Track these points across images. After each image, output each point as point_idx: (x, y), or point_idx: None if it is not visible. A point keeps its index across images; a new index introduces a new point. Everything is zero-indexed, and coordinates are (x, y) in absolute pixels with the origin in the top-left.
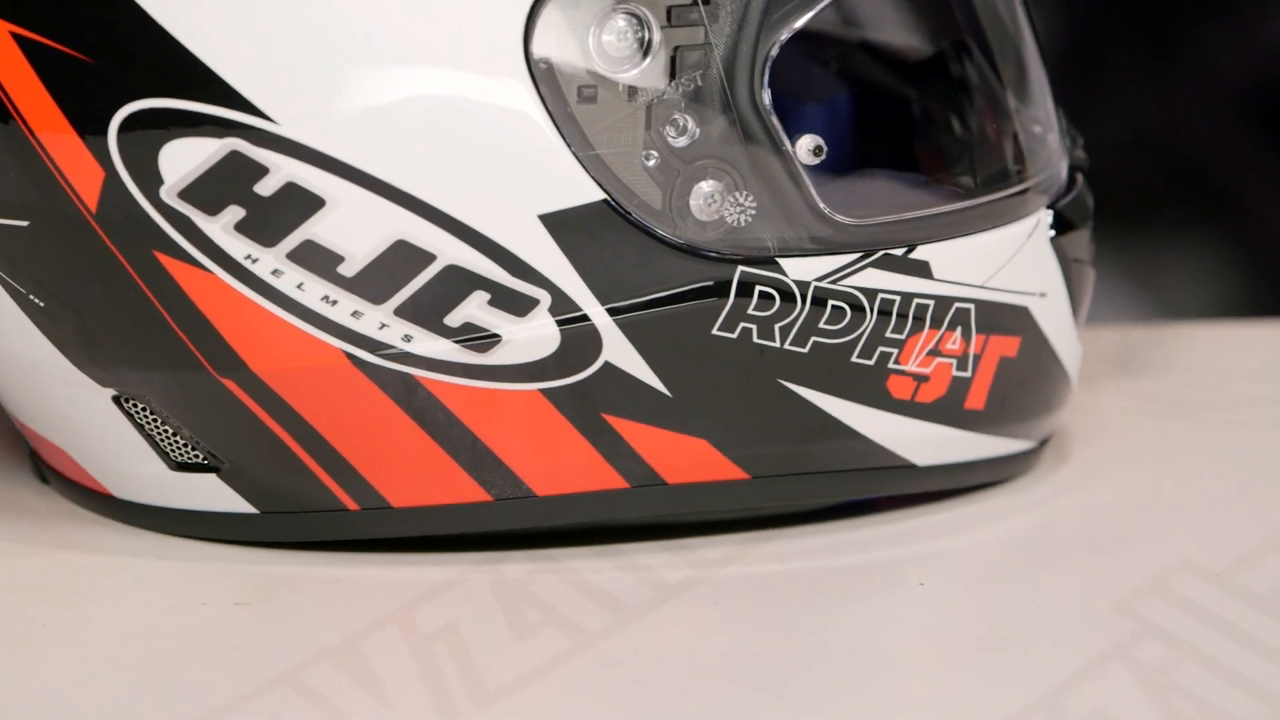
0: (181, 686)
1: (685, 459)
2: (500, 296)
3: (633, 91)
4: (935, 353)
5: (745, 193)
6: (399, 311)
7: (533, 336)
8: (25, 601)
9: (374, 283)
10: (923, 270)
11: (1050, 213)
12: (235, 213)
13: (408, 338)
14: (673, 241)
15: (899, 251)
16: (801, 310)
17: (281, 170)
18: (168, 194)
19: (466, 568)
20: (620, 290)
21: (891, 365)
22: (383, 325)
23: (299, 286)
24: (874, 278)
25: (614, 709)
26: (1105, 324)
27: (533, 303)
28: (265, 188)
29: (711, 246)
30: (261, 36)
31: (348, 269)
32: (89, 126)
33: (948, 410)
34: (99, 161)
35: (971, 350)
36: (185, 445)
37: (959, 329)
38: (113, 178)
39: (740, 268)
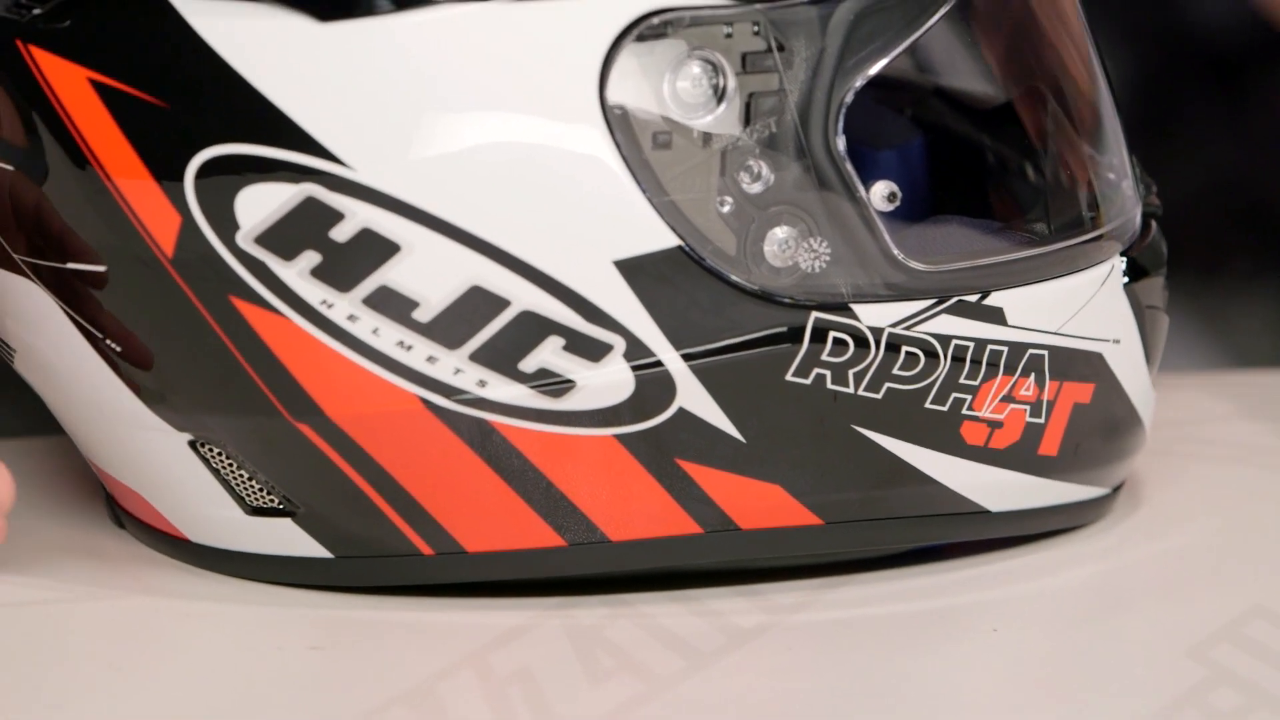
0: None
1: (759, 504)
2: (575, 342)
3: (707, 138)
4: (1009, 399)
5: (819, 239)
6: (474, 357)
7: (607, 382)
8: (100, 645)
9: (449, 328)
10: (997, 316)
11: (1124, 259)
12: (311, 258)
13: (482, 383)
14: (747, 287)
15: (973, 298)
16: (875, 356)
17: (357, 216)
18: (244, 239)
19: (540, 612)
20: (694, 336)
21: (965, 411)
22: (458, 370)
23: (374, 332)
24: (948, 324)
25: None
26: (1178, 370)
27: (607, 348)
28: (341, 233)
29: (786, 292)
30: (338, 83)
31: (423, 314)
32: (166, 172)
33: (1021, 456)
34: (176, 207)
35: (1045, 396)
36: (261, 490)
37: (1033, 375)
38: (189, 223)
39: (814, 314)
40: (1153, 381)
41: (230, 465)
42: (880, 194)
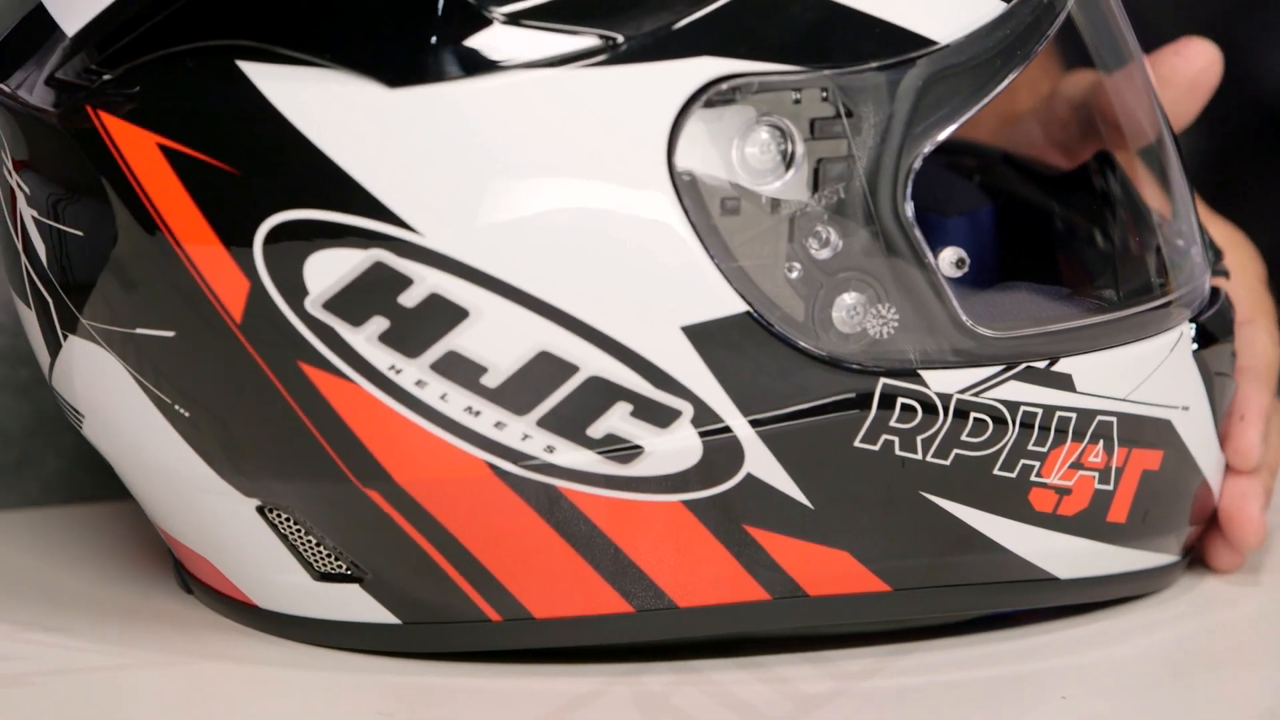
0: None
1: (827, 571)
2: (643, 408)
3: (776, 204)
4: (1077, 466)
5: (888, 305)
6: (542, 423)
7: (675, 448)
8: (168, 711)
9: (517, 394)
10: (1065, 383)
11: (1193, 326)
12: (379, 324)
13: (550, 449)
14: (815, 354)
15: (1041, 364)
16: (944, 423)
17: (426, 281)
18: (312, 305)
19: (608, 678)
20: (762, 402)
21: (1034, 478)
22: (525, 436)
23: (442, 397)
24: (1016, 390)
25: None
26: None
27: (675, 414)
28: (409, 299)
29: (854, 358)
30: (406, 148)
31: (491, 380)
32: (235, 238)
33: (1090, 523)
34: (244, 272)
35: (1114, 463)
36: (328, 555)
37: (1101, 442)
38: (258, 289)
39: (882, 380)
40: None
41: (298, 531)
42: (949, 260)
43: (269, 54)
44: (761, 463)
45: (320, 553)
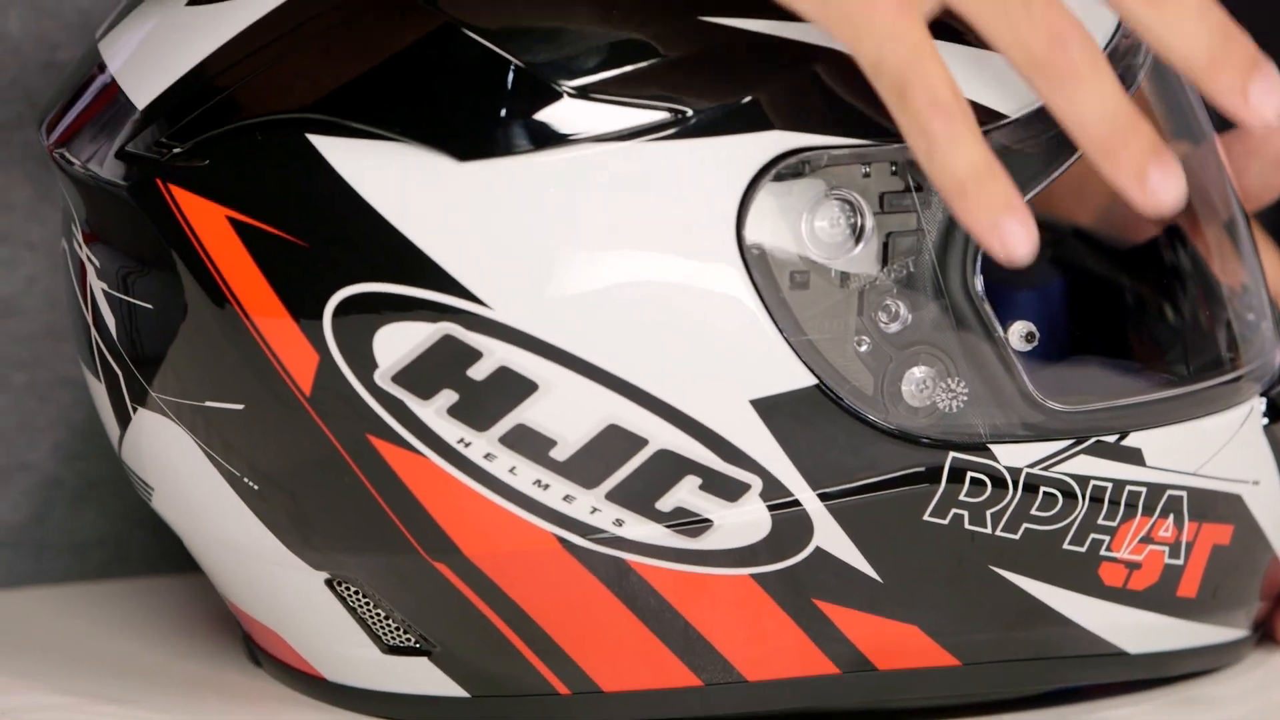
0: None
1: (896, 645)
2: (712, 481)
3: (845, 277)
4: (1147, 540)
5: (957, 378)
6: (611, 496)
7: (744, 521)
8: None
9: (586, 467)
10: (1135, 457)
11: (1263, 400)
12: (448, 397)
13: (619, 522)
14: (884, 427)
15: (1111, 438)
16: (1013, 497)
17: (495, 354)
18: (381, 378)
19: None
20: (831, 475)
21: (1103, 552)
22: (594, 509)
23: (511, 470)
24: (1086, 464)
25: None
26: None
27: (744, 488)
28: (478, 372)
29: (923, 432)
30: (476, 221)
31: (560, 453)
32: (304, 311)
33: (1160, 598)
34: (314, 345)
35: (1184, 538)
36: (397, 628)
37: (1171, 516)
38: (327, 362)
39: (952, 453)
40: None
41: (367, 604)
42: (1018, 334)
43: (339, 127)
44: (830, 536)
45: (389, 626)
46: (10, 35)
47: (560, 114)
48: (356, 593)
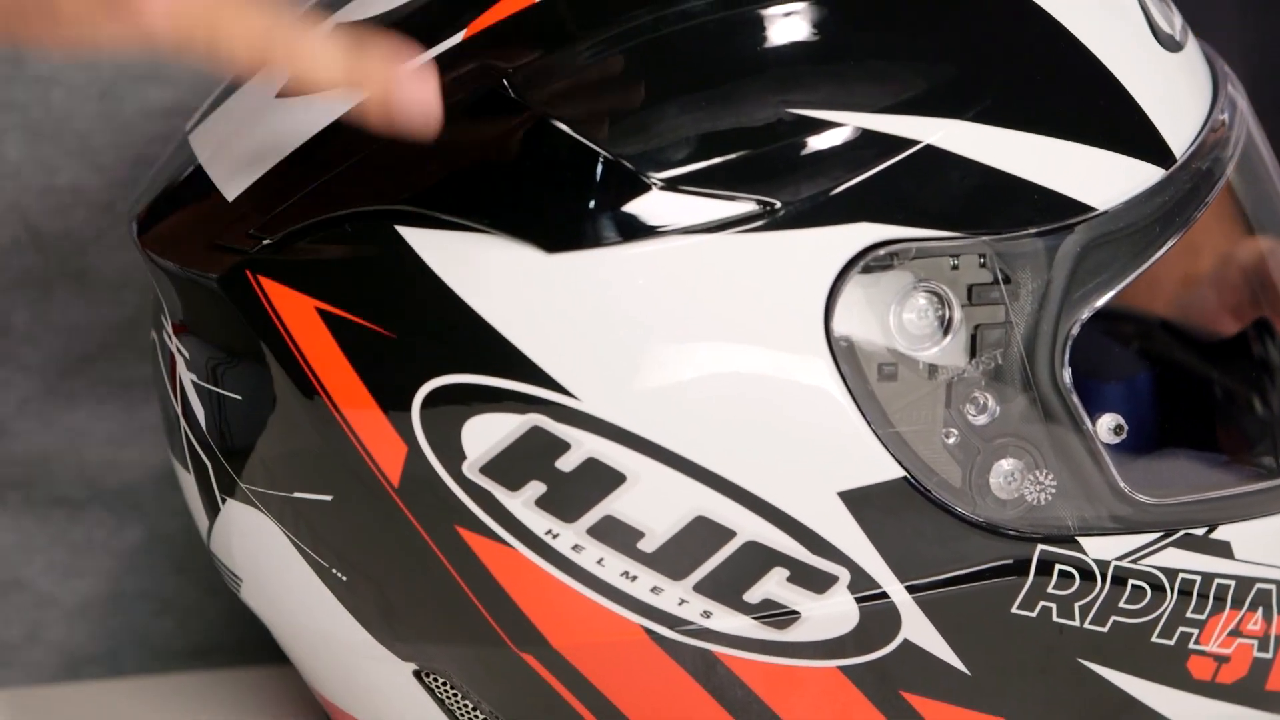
0: None
1: None
2: (799, 573)
3: (933, 369)
4: (1236, 633)
5: (1045, 471)
6: (698, 587)
7: (832, 613)
8: None
9: (673, 559)
10: (1224, 550)
11: None
12: (536, 488)
13: (707, 614)
14: (972, 519)
15: (1200, 531)
16: (1101, 589)
17: (583, 446)
18: (470, 469)
19: None
20: (919, 567)
21: (1192, 645)
22: (682, 601)
23: (599, 562)
24: (1175, 557)
25: None
26: None
27: (832, 580)
28: (566, 463)
29: (1011, 525)
30: (564, 313)
31: (647, 545)
32: (393, 402)
33: (1248, 691)
34: (402, 437)
35: (1273, 631)
36: (484, 719)
37: (1260, 610)
38: (415, 453)
39: (1040, 546)
40: None
41: (455, 695)
42: (1106, 426)
43: (427, 219)
44: (918, 628)
45: (477, 717)
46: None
47: (649, 206)
48: (444, 684)
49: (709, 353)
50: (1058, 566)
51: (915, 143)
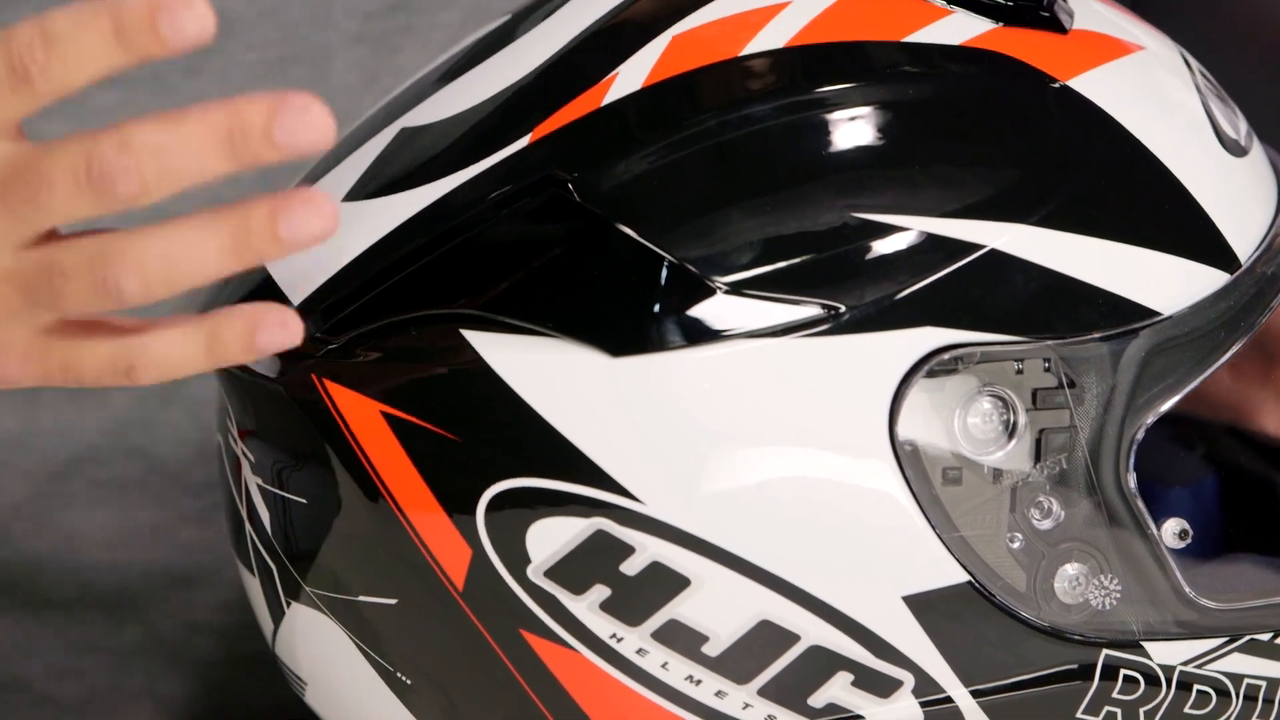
0: None
1: None
2: (864, 677)
3: (998, 474)
4: None
5: (1110, 576)
6: (762, 691)
7: (896, 718)
8: None
9: (738, 662)
10: None
11: None
12: (601, 592)
13: (771, 718)
14: (1037, 624)
15: (1265, 636)
16: (1167, 695)
17: (647, 550)
18: (534, 573)
19: None
20: (983, 672)
21: None
22: (746, 705)
23: (663, 665)
24: (1240, 662)
25: None
26: None
27: (896, 684)
28: (631, 567)
29: (1076, 629)
30: (629, 417)
31: (712, 649)
32: (457, 505)
33: None
34: (467, 540)
35: None
36: None
37: None
38: (480, 556)
39: (1105, 651)
40: None
41: None
42: (1171, 531)
43: (492, 323)
44: None
45: None
46: None
47: (713, 310)
48: None
49: (773, 457)
50: (1123, 671)
51: (980, 247)
